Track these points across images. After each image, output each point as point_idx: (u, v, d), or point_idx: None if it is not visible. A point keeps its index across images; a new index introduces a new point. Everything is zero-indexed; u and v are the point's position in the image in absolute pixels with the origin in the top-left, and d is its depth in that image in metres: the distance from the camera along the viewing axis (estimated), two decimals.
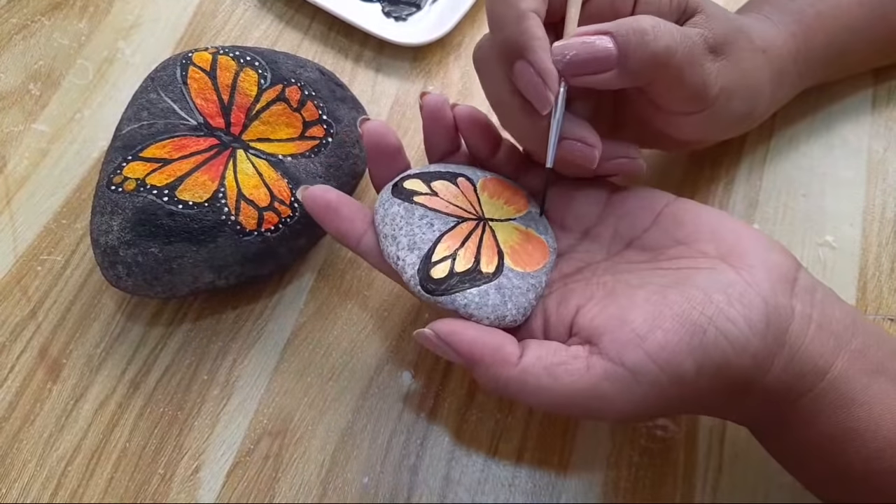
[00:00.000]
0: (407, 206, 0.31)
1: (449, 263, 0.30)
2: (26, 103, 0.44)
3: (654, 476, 0.35)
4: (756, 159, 0.43)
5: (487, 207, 0.33)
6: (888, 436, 0.27)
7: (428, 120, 0.33)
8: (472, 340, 0.28)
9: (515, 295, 0.30)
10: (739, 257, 0.29)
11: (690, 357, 0.26)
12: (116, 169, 0.35)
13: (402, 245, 0.30)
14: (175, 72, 0.38)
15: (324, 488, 0.34)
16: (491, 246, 0.31)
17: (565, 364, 0.27)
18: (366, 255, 0.32)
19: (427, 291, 0.29)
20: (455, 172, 0.33)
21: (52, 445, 0.35)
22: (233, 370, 0.37)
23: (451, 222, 0.31)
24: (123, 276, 0.34)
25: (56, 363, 0.37)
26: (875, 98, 0.44)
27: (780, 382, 0.27)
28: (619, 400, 0.27)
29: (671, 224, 0.31)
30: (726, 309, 0.27)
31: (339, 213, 0.32)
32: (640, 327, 0.27)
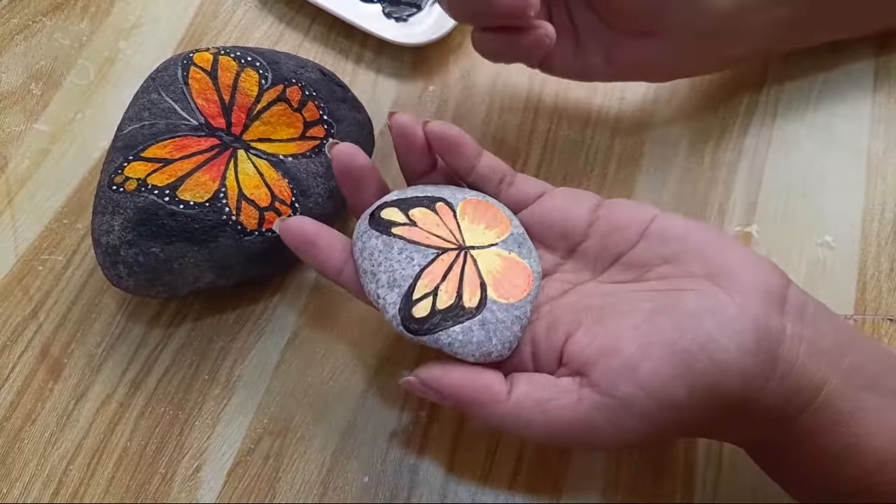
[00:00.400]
0: (385, 240, 0.30)
1: (430, 301, 0.29)
2: (27, 103, 0.45)
3: (653, 476, 0.35)
4: (756, 159, 0.43)
5: (468, 234, 0.32)
6: (885, 452, 0.27)
7: (399, 140, 0.33)
8: (458, 384, 0.28)
9: (500, 329, 0.29)
10: (727, 278, 0.28)
11: (682, 385, 0.26)
12: (118, 169, 0.35)
13: (382, 282, 0.30)
14: (176, 72, 0.38)
15: (324, 488, 0.34)
16: (473, 277, 0.30)
17: (556, 399, 0.27)
18: (346, 286, 0.32)
19: (409, 332, 0.29)
20: (434, 197, 0.32)
21: (53, 445, 0.35)
22: (233, 370, 0.37)
23: (431, 255, 0.30)
24: (125, 276, 0.34)
25: (57, 363, 0.37)
26: (875, 98, 0.44)
27: (774, 402, 0.27)
28: (611, 431, 0.27)
29: (657, 241, 0.31)
30: (717, 335, 0.26)
31: (317, 244, 0.31)
32: (631, 357, 0.27)
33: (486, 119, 0.44)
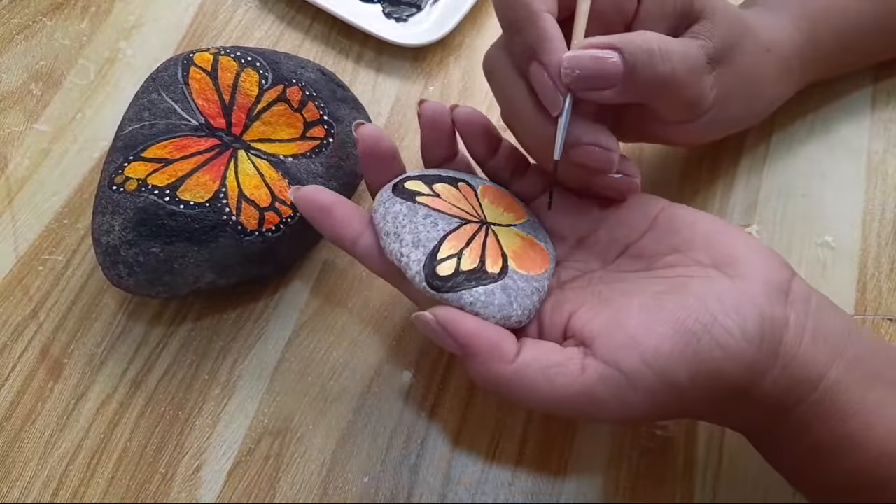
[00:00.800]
0: (409, 205, 0.31)
1: (455, 262, 0.30)
2: (28, 103, 0.45)
3: (653, 476, 0.35)
4: (756, 160, 0.43)
5: (489, 212, 0.33)
6: (885, 443, 0.27)
7: (427, 128, 0.33)
8: (471, 331, 0.28)
9: (521, 296, 0.30)
10: (734, 266, 0.29)
11: (684, 364, 0.26)
12: (118, 169, 0.35)
13: (406, 242, 0.30)
14: (176, 72, 0.38)
15: (324, 488, 0.34)
16: (495, 248, 0.31)
17: (560, 366, 0.27)
18: (362, 257, 0.32)
19: (433, 288, 0.29)
20: (455, 177, 0.33)
21: (53, 445, 0.35)
22: (234, 370, 0.37)
23: (454, 223, 0.31)
24: (125, 276, 0.34)
25: (57, 363, 0.37)
26: (875, 98, 0.44)
27: (774, 391, 0.27)
28: (612, 403, 0.27)
29: (665, 231, 0.31)
30: (721, 318, 0.27)
31: (334, 214, 0.31)
32: (635, 332, 0.27)
33: None
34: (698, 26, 0.32)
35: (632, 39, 0.29)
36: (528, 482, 0.34)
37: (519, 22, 0.29)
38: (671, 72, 0.29)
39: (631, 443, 0.35)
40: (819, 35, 0.38)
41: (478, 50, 0.47)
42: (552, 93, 0.29)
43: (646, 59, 0.29)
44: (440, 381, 0.37)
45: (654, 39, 0.29)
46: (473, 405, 0.36)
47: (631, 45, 0.28)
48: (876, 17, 0.39)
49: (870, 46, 0.41)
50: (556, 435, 0.35)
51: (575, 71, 0.28)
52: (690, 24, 0.32)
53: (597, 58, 0.28)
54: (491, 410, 0.36)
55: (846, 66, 0.42)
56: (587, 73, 0.28)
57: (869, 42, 0.41)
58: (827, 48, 0.39)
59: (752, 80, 0.34)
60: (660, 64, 0.29)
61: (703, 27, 0.32)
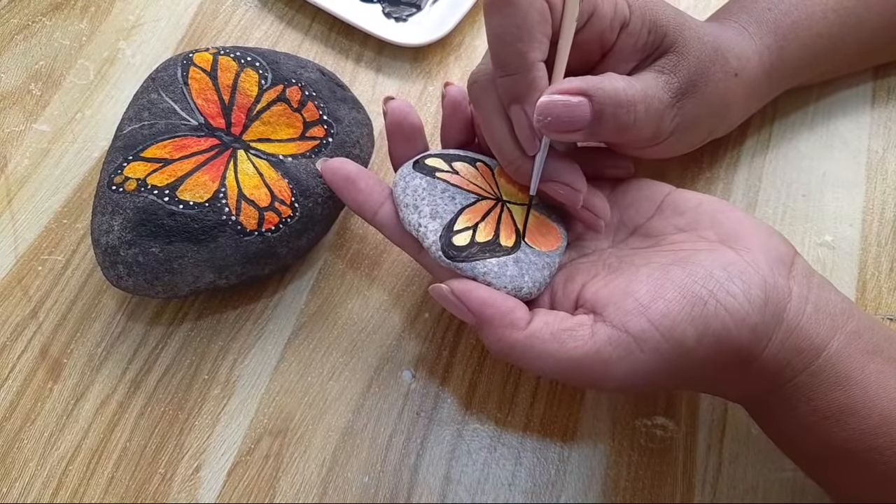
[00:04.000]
0: (429, 180, 0.32)
1: (470, 234, 0.31)
2: (27, 103, 0.45)
3: (653, 476, 0.35)
4: (755, 160, 0.43)
5: (505, 191, 0.34)
6: (883, 414, 0.28)
7: (449, 110, 0.34)
8: (485, 300, 0.29)
9: (532, 270, 0.31)
10: (739, 241, 0.30)
11: (692, 326, 0.27)
12: (117, 169, 0.35)
13: (424, 213, 0.31)
14: (176, 72, 0.38)
15: (324, 487, 0.34)
16: (509, 224, 0.32)
17: (571, 330, 0.28)
18: (382, 226, 0.33)
19: (448, 257, 0.30)
20: (474, 157, 0.35)
21: (52, 445, 0.35)
22: (233, 370, 0.37)
23: (471, 198, 0.32)
24: (124, 276, 0.34)
25: (57, 363, 0.37)
26: (874, 98, 0.44)
27: (777, 359, 0.28)
28: (621, 366, 0.28)
29: (673, 212, 0.33)
30: (727, 283, 0.28)
31: (357, 184, 0.33)
32: (644, 297, 0.28)
33: None
34: (665, 60, 0.33)
35: (601, 87, 0.30)
36: (527, 482, 0.34)
37: (511, 68, 0.30)
38: (633, 121, 0.31)
39: (632, 442, 0.35)
40: (787, 53, 0.38)
41: (477, 50, 0.47)
42: (529, 136, 0.31)
43: (612, 110, 0.30)
44: (440, 381, 0.37)
45: (621, 89, 0.30)
46: (473, 405, 0.36)
47: (600, 92, 0.30)
48: (844, 30, 0.40)
49: (838, 58, 0.42)
50: (556, 435, 0.35)
51: (547, 118, 0.29)
52: (659, 57, 0.33)
53: (567, 104, 0.30)
54: (491, 411, 0.36)
55: (815, 79, 0.43)
56: (557, 119, 0.30)
57: (837, 54, 0.41)
58: (795, 63, 0.39)
59: (718, 105, 0.36)
60: (624, 115, 0.31)
61: (671, 61, 0.33)
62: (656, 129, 0.33)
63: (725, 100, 0.36)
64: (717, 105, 0.36)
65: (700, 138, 0.37)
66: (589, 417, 0.36)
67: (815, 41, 0.39)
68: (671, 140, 0.34)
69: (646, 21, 0.32)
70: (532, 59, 0.29)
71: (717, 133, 0.38)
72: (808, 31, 0.39)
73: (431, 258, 0.31)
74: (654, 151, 0.35)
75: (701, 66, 0.34)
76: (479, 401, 0.36)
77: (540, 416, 0.36)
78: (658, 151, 0.35)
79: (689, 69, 0.33)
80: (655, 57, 0.33)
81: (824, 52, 0.40)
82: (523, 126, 0.30)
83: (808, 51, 0.39)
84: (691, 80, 0.33)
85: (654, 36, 0.33)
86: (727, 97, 0.36)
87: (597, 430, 0.36)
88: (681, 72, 0.33)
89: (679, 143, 0.35)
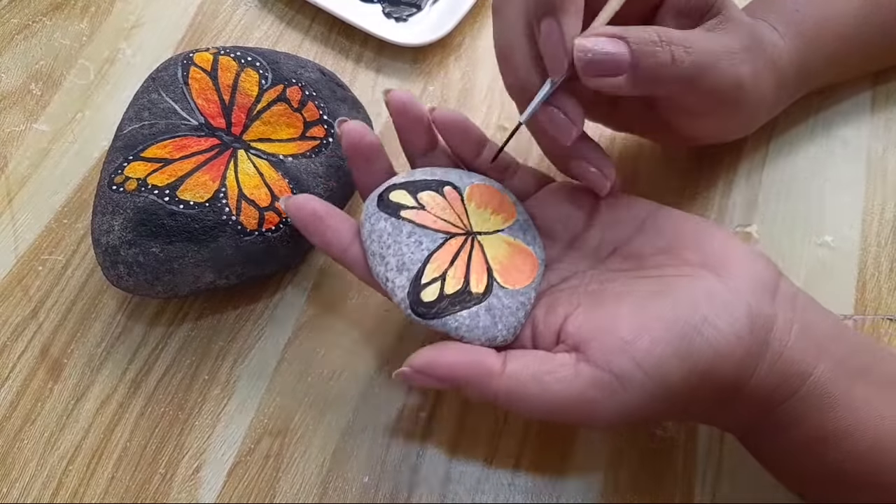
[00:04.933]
0: (394, 223, 0.31)
1: (438, 285, 0.30)
2: (27, 103, 0.45)
3: (653, 476, 0.35)
4: (755, 160, 0.43)
5: (475, 219, 0.32)
6: (872, 438, 0.27)
7: (397, 117, 0.33)
8: (451, 364, 0.28)
9: (505, 315, 0.30)
10: (722, 265, 0.29)
11: (676, 363, 0.27)
12: (118, 169, 0.35)
13: (391, 266, 0.30)
14: (176, 72, 0.38)
15: (324, 488, 0.34)
16: (480, 263, 0.31)
17: (553, 372, 0.27)
18: (351, 266, 0.32)
19: (418, 315, 0.29)
20: (442, 181, 0.33)
21: (52, 445, 0.35)
22: (234, 370, 0.37)
23: (439, 239, 0.31)
24: (124, 276, 0.34)
25: (57, 363, 0.37)
26: (874, 98, 0.44)
27: (764, 387, 0.28)
28: (607, 406, 0.27)
29: (655, 232, 0.32)
30: (711, 317, 0.27)
31: (325, 221, 0.31)
32: (627, 334, 0.27)
33: (485, 119, 0.44)
34: (716, 21, 0.32)
35: (637, 29, 0.29)
36: (527, 482, 0.34)
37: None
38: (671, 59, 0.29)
39: (631, 443, 0.35)
40: (813, 53, 0.38)
41: (478, 50, 0.47)
42: (559, 54, 0.28)
43: (648, 48, 0.29)
44: None
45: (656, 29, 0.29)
46: (473, 405, 0.36)
47: (634, 33, 0.29)
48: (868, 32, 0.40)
49: (861, 59, 0.42)
50: (556, 435, 0.35)
51: (587, 54, 0.28)
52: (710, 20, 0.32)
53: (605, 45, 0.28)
54: (491, 411, 0.36)
55: (838, 78, 0.43)
56: (596, 57, 0.28)
57: (860, 56, 0.41)
58: (821, 64, 0.39)
59: (759, 85, 0.34)
60: (661, 53, 0.29)
61: (720, 22, 0.32)
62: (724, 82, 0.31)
63: (764, 85, 0.35)
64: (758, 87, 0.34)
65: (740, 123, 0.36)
66: None
67: (840, 44, 0.39)
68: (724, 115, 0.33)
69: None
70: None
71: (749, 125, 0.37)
72: (832, 33, 0.39)
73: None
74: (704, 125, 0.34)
75: (749, 36, 0.32)
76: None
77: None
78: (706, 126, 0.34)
79: (740, 32, 0.32)
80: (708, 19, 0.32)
81: (848, 55, 0.40)
82: (554, 41, 0.28)
83: (833, 54, 0.39)
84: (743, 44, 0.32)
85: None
86: (765, 82, 0.35)
87: (597, 430, 0.36)
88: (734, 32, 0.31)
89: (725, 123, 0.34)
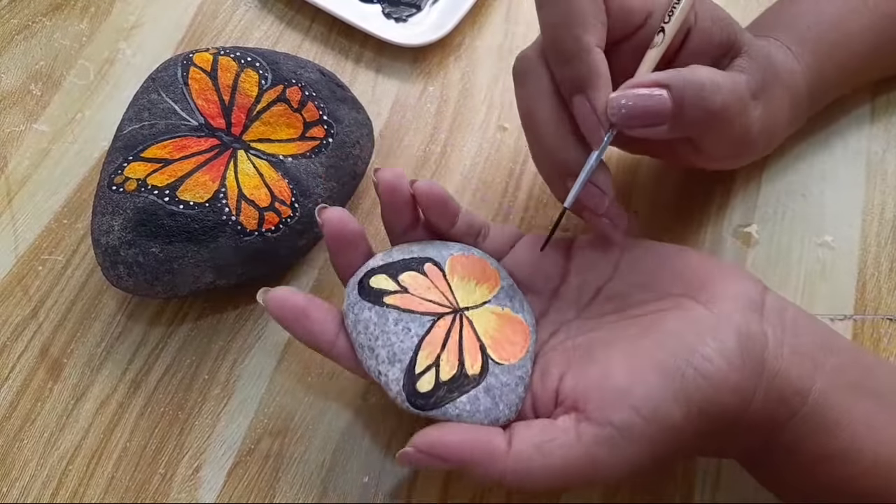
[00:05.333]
0: (378, 311, 0.30)
1: (433, 373, 0.29)
2: (27, 104, 0.45)
3: (653, 478, 0.35)
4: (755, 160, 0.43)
5: (460, 293, 0.32)
6: (873, 455, 0.27)
7: (386, 195, 0.32)
8: (457, 444, 0.27)
9: (505, 393, 0.29)
10: (704, 290, 0.29)
11: (674, 403, 0.26)
12: (117, 169, 0.35)
13: (382, 358, 0.29)
14: (176, 72, 0.38)
15: (324, 488, 0.34)
16: (472, 341, 0.30)
17: (555, 439, 0.27)
18: (339, 358, 0.30)
19: (416, 407, 0.28)
20: (421, 258, 0.32)
21: (52, 445, 0.35)
22: (233, 370, 0.37)
23: (427, 323, 0.30)
24: (124, 276, 0.34)
25: (57, 363, 0.37)
26: (874, 99, 0.44)
27: (763, 410, 0.27)
28: (613, 462, 0.26)
29: (631, 271, 0.32)
30: (700, 348, 0.27)
31: (310, 316, 0.30)
32: (622, 383, 0.27)
33: (485, 120, 0.44)
34: (741, 61, 0.32)
35: (681, 74, 0.29)
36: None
37: (569, 54, 0.28)
38: (721, 104, 0.29)
39: None
40: (825, 73, 0.38)
41: (477, 50, 0.47)
42: (595, 127, 0.29)
43: (695, 94, 0.29)
44: None
45: (703, 73, 0.29)
46: None
47: (679, 79, 0.29)
48: (881, 47, 0.40)
49: (873, 73, 0.42)
50: None
51: (622, 109, 0.28)
52: (733, 59, 0.32)
53: (643, 94, 0.28)
54: None
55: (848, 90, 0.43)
56: (634, 111, 0.28)
57: (872, 70, 0.41)
58: (833, 82, 0.39)
59: (775, 116, 0.35)
60: (709, 97, 0.29)
61: (745, 62, 0.32)
62: (747, 129, 0.31)
63: (779, 114, 0.35)
64: (774, 118, 0.34)
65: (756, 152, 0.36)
66: None
67: (853, 61, 0.39)
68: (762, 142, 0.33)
69: (714, 20, 0.31)
70: (589, 42, 0.28)
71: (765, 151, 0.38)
72: (846, 50, 0.38)
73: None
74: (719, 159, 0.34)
75: (766, 75, 0.33)
76: None
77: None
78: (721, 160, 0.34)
79: (761, 72, 0.32)
80: (731, 57, 0.32)
81: (859, 71, 0.40)
82: (587, 115, 0.29)
83: (845, 71, 0.39)
84: (762, 83, 0.32)
85: (724, 34, 0.31)
86: (781, 111, 0.35)
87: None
88: (755, 72, 0.32)
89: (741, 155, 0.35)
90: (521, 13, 0.49)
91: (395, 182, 0.31)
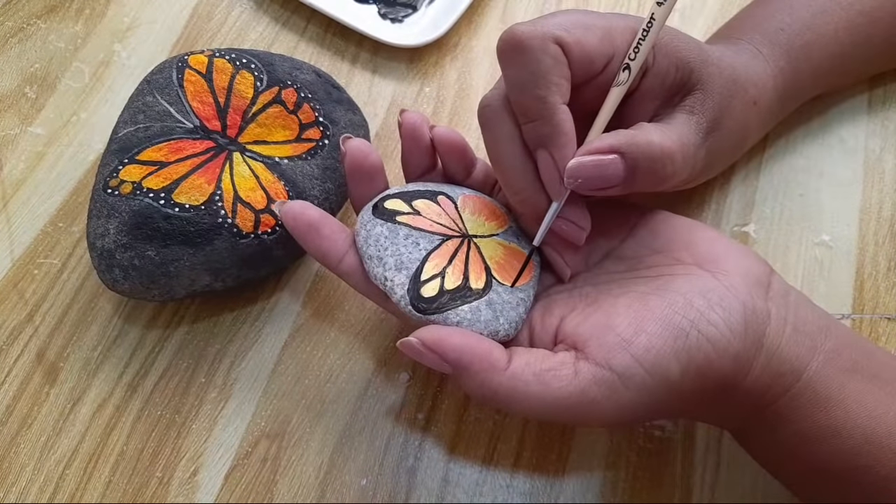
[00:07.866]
0: (390, 227, 0.31)
1: (438, 281, 0.30)
2: (22, 106, 0.44)
3: (652, 476, 0.35)
4: (752, 159, 0.43)
5: (470, 224, 0.33)
6: (865, 433, 0.28)
7: (407, 138, 0.33)
8: (459, 346, 0.28)
9: (506, 310, 0.30)
10: (715, 263, 0.30)
11: (675, 359, 0.27)
12: (113, 172, 0.35)
13: (389, 265, 0.30)
14: (171, 74, 0.38)
15: (322, 490, 0.34)
16: (478, 262, 0.31)
17: (554, 370, 0.27)
18: (347, 275, 0.31)
19: (418, 311, 0.29)
20: (434, 191, 0.33)
21: (49, 449, 0.35)
22: (230, 373, 0.37)
23: (436, 241, 0.31)
24: (120, 280, 0.34)
25: (53, 366, 0.37)
26: (871, 98, 0.44)
27: (759, 383, 0.28)
28: (607, 404, 0.27)
29: (646, 234, 0.32)
30: (707, 312, 0.27)
31: (321, 231, 0.31)
32: (625, 332, 0.27)
33: None
34: (692, 99, 0.32)
35: (635, 143, 0.29)
36: (526, 483, 0.34)
37: (533, 114, 0.29)
38: (672, 172, 0.30)
39: (630, 443, 0.35)
40: (799, 75, 0.38)
41: (473, 50, 0.47)
42: (556, 182, 0.30)
43: (648, 165, 0.29)
44: (437, 383, 0.37)
45: (655, 142, 0.29)
46: (471, 407, 0.36)
47: (633, 147, 0.29)
48: (855, 48, 0.40)
49: (848, 74, 0.42)
50: (554, 436, 0.35)
51: (578, 179, 0.29)
52: (685, 96, 0.32)
53: (599, 164, 0.29)
54: (488, 412, 0.36)
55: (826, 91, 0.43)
56: (589, 180, 0.29)
57: (847, 71, 0.41)
58: (807, 84, 0.39)
59: (739, 136, 0.35)
60: (661, 168, 0.30)
61: (698, 100, 0.32)
62: (691, 173, 0.32)
63: (745, 130, 0.35)
64: (738, 136, 0.35)
65: (719, 168, 0.37)
66: None
67: (826, 61, 0.39)
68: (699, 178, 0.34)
69: (672, 60, 0.31)
70: (553, 104, 0.29)
71: (730, 161, 0.38)
72: (820, 51, 0.38)
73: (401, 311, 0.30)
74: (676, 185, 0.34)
75: (724, 101, 0.33)
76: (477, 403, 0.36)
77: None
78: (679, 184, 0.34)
79: (714, 106, 0.32)
80: (683, 94, 0.32)
81: (834, 71, 0.40)
82: (550, 171, 0.30)
83: (819, 71, 0.39)
84: (716, 117, 0.33)
85: (681, 73, 0.32)
86: (747, 127, 0.35)
87: (595, 431, 0.36)
88: (708, 110, 0.32)
89: (702, 177, 0.35)
90: (516, 13, 0.49)
91: (418, 125, 0.33)
